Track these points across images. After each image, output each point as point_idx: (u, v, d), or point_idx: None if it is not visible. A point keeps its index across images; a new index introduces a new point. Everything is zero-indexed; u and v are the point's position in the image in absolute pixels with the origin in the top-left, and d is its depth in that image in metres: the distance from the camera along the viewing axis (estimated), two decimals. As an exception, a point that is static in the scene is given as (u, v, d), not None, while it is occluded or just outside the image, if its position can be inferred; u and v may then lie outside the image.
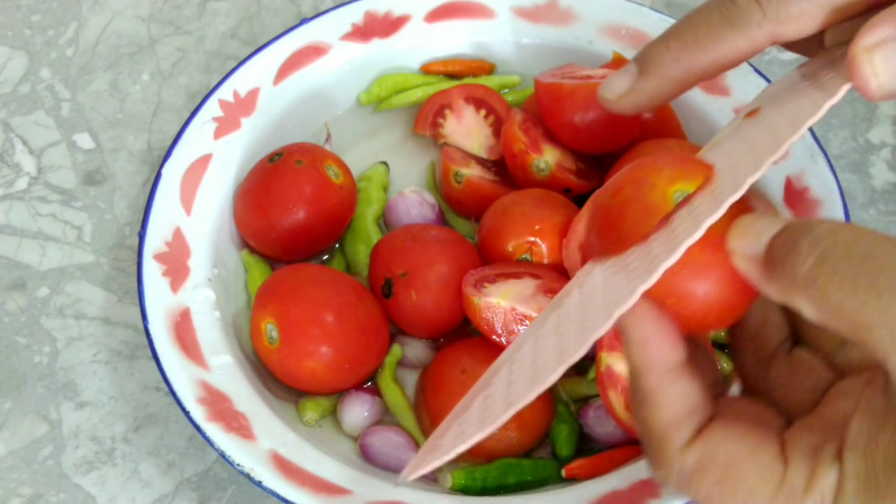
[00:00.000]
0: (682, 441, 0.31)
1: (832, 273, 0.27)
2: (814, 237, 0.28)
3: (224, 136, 0.58)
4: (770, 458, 0.30)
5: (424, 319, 0.53)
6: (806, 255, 0.28)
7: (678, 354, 0.32)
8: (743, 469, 0.30)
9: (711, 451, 0.31)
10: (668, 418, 0.32)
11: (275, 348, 0.51)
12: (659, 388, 0.32)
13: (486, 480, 0.49)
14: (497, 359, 0.36)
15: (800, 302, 0.29)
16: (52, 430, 0.55)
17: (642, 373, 0.32)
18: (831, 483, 0.29)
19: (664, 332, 0.32)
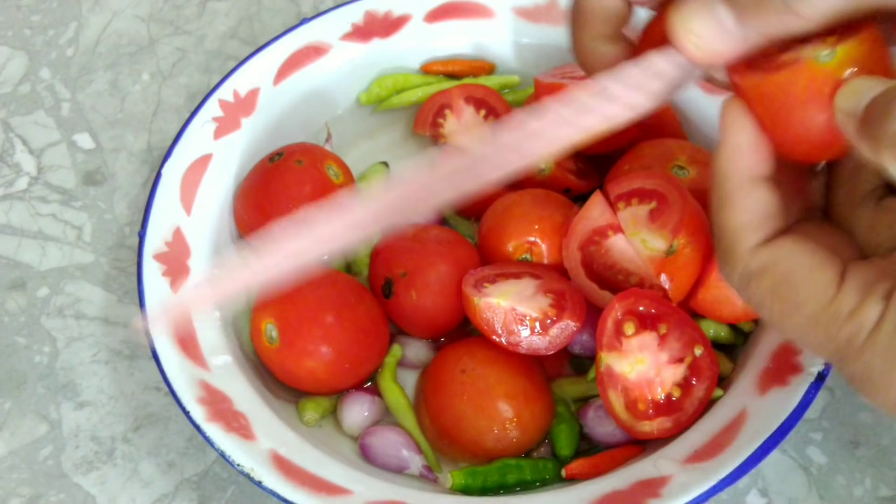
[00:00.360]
0: (752, 243, 0.34)
1: None
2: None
3: (224, 136, 0.58)
4: (827, 278, 0.32)
5: (425, 319, 0.53)
6: (894, 117, 0.29)
7: (765, 167, 0.34)
8: (799, 281, 0.32)
9: (776, 259, 0.33)
10: (743, 220, 0.34)
11: (275, 348, 0.51)
12: (739, 191, 0.34)
13: (486, 480, 0.49)
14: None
15: (885, 159, 0.30)
16: (52, 430, 0.55)
17: (727, 176, 0.34)
18: (873, 316, 0.31)
19: (758, 144, 0.34)
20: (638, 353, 0.48)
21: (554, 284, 0.51)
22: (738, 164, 0.34)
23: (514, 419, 0.50)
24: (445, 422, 0.51)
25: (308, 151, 0.57)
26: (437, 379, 0.52)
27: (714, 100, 0.58)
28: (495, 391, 0.50)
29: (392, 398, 0.53)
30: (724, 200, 0.34)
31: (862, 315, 0.31)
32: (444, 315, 0.53)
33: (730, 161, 0.34)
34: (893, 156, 0.30)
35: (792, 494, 0.52)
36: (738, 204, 0.34)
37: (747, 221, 0.34)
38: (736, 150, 0.34)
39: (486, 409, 0.50)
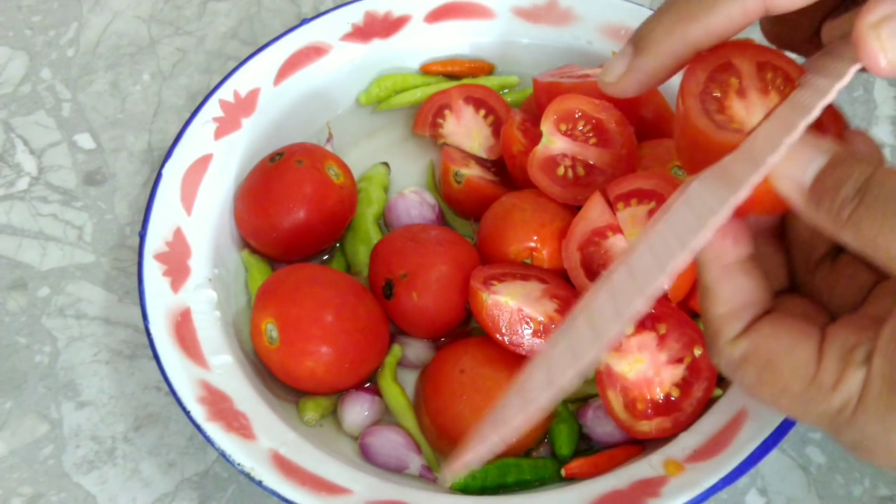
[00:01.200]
0: (732, 334, 0.34)
1: (867, 214, 0.30)
2: (855, 180, 0.31)
3: (224, 136, 0.58)
4: (806, 355, 0.32)
5: (425, 320, 0.53)
6: (849, 200, 0.30)
7: (741, 251, 0.34)
8: (780, 365, 0.33)
9: (756, 346, 0.33)
10: (723, 312, 0.34)
11: (275, 348, 0.51)
12: (718, 282, 0.34)
13: (485, 479, 0.49)
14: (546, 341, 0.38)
15: (841, 235, 0.31)
16: (53, 430, 0.55)
17: (706, 265, 0.35)
18: (857, 383, 0.31)
19: (729, 229, 0.34)
20: (637, 353, 0.48)
21: (560, 290, 0.51)
22: (713, 250, 0.34)
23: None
24: (445, 422, 0.51)
25: (309, 152, 0.57)
26: (436, 379, 0.52)
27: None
28: (494, 391, 0.50)
29: (392, 398, 0.53)
30: (706, 291, 0.35)
31: (846, 385, 0.31)
32: (444, 315, 0.53)
33: (706, 250, 0.34)
34: (848, 233, 0.31)
35: (791, 494, 0.52)
36: (718, 294, 0.34)
37: (727, 312, 0.34)
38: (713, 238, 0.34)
39: (486, 408, 0.50)
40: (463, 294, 0.53)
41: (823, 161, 0.32)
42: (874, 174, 0.31)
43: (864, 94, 0.66)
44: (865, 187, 0.30)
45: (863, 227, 0.30)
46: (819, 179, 0.31)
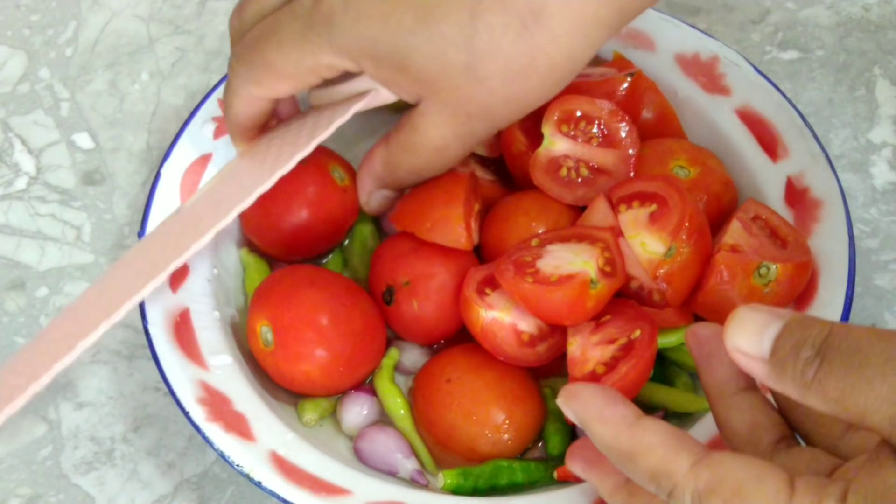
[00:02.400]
0: (687, 463, 0.33)
1: (830, 373, 0.30)
2: (813, 342, 0.30)
3: (224, 135, 0.58)
4: (777, 484, 0.31)
5: (425, 328, 0.53)
6: (810, 362, 0.30)
7: (633, 410, 0.35)
8: (751, 492, 0.31)
9: (721, 475, 0.32)
10: (663, 452, 0.34)
11: (270, 350, 0.51)
12: (635, 439, 0.34)
13: (477, 481, 0.49)
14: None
15: (808, 400, 0.31)
16: (51, 431, 0.55)
17: (614, 442, 0.35)
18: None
19: (613, 398, 0.36)
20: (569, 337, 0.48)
21: None
22: (611, 423, 0.35)
23: (505, 420, 0.50)
24: (439, 432, 0.51)
25: (314, 152, 0.57)
26: (425, 391, 0.52)
27: (714, 99, 0.58)
28: (483, 395, 0.50)
29: (389, 400, 0.53)
30: (632, 455, 0.34)
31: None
32: (444, 324, 0.53)
33: (603, 429, 0.35)
34: (815, 396, 0.30)
35: (793, 495, 0.52)
36: (645, 446, 0.34)
37: (665, 451, 0.34)
38: (600, 420, 0.36)
39: (477, 414, 0.50)
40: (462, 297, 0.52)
41: (778, 327, 0.31)
42: (832, 330, 0.30)
43: (866, 94, 0.66)
44: (825, 346, 0.30)
45: (828, 387, 0.30)
46: (777, 347, 0.31)
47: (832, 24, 0.69)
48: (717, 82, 0.59)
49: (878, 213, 0.61)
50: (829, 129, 0.64)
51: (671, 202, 0.49)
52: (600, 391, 0.36)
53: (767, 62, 0.67)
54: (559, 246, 0.49)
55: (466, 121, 0.48)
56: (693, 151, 0.56)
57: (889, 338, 0.29)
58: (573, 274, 0.47)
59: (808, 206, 0.53)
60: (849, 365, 0.29)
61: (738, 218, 0.51)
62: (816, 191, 0.54)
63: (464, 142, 0.49)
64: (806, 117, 0.56)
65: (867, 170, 0.63)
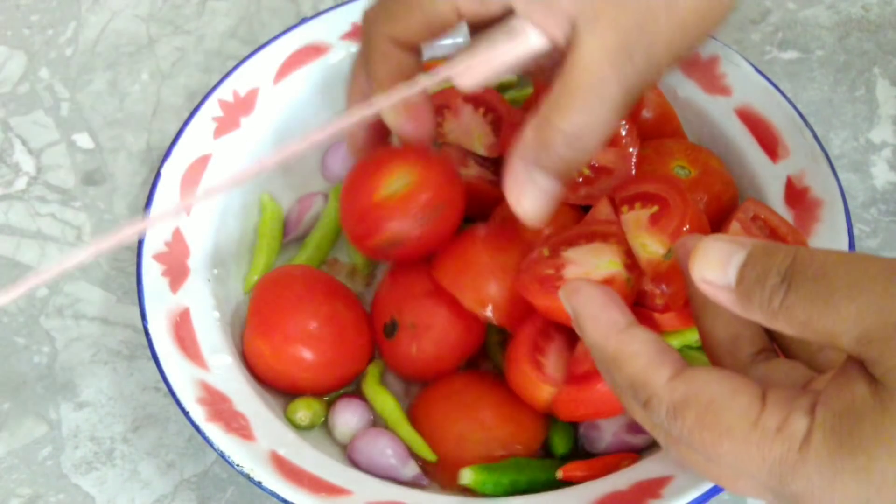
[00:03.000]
0: (665, 377, 0.33)
1: (797, 299, 0.30)
2: (778, 268, 0.31)
3: (224, 135, 0.58)
4: (749, 399, 0.32)
5: (415, 370, 0.53)
6: (777, 289, 0.31)
7: (628, 317, 0.35)
8: (723, 406, 0.32)
9: (695, 388, 0.33)
10: (643, 364, 0.34)
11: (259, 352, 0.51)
12: (621, 345, 0.35)
13: (500, 476, 0.48)
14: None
15: (777, 325, 0.31)
16: (52, 431, 0.55)
17: (602, 343, 0.35)
18: (802, 429, 0.31)
19: (611, 301, 0.36)
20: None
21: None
22: (603, 326, 0.35)
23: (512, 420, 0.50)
24: (449, 447, 0.50)
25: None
26: (426, 411, 0.51)
27: (714, 99, 0.58)
28: (486, 401, 0.50)
29: (379, 402, 0.52)
30: (615, 360, 0.35)
31: (790, 430, 0.31)
32: (433, 371, 0.52)
33: (594, 328, 0.35)
34: (784, 321, 0.31)
35: (793, 495, 0.52)
36: (629, 354, 0.34)
37: (647, 362, 0.34)
38: (593, 317, 0.36)
39: (482, 419, 0.50)
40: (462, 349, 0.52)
41: (742, 256, 0.32)
42: (796, 257, 0.31)
43: (866, 94, 0.66)
44: (790, 271, 0.30)
45: (796, 312, 0.30)
46: (742, 276, 0.31)
47: (832, 24, 0.69)
48: (718, 82, 0.59)
49: (878, 212, 0.61)
50: (829, 129, 0.64)
51: (672, 204, 0.49)
52: (601, 292, 0.36)
53: (767, 62, 0.67)
54: (576, 251, 0.49)
55: (624, 45, 0.39)
56: (693, 151, 0.56)
57: (853, 260, 0.30)
58: (609, 277, 0.47)
59: (808, 206, 0.53)
60: (815, 290, 0.30)
61: (737, 219, 0.51)
62: (816, 191, 0.54)
63: (622, 79, 0.40)
64: (806, 117, 0.56)
65: (867, 170, 0.63)
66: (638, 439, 0.50)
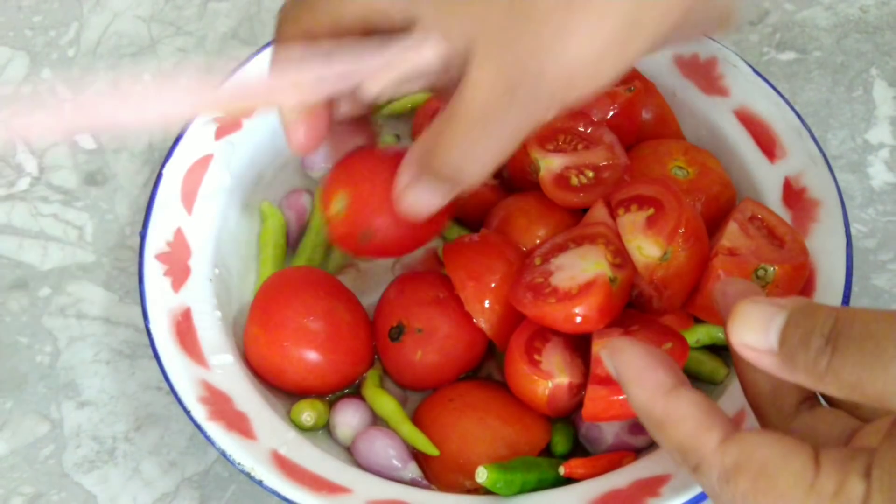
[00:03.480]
0: (716, 441, 0.33)
1: (844, 361, 0.30)
2: (821, 330, 0.30)
3: (225, 136, 0.58)
4: (803, 462, 0.31)
5: (417, 377, 0.53)
6: (822, 351, 0.30)
7: (674, 377, 0.35)
8: (777, 470, 0.31)
9: (748, 452, 0.32)
10: (692, 427, 0.33)
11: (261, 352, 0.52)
12: (669, 408, 0.34)
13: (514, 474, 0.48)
14: None
15: (824, 388, 0.31)
16: (54, 430, 0.55)
17: (648, 406, 0.34)
18: (859, 494, 0.30)
19: (656, 361, 0.35)
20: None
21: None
22: (648, 388, 0.34)
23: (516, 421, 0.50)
24: (452, 447, 0.50)
25: None
26: (430, 414, 0.52)
27: (712, 100, 0.59)
28: (490, 403, 0.50)
29: (379, 403, 0.52)
30: (662, 424, 0.34)
31: (847, 495, 0.30)
32: (435, 380, 0.52)
33: (639, 391, 0.35)
34: (831, 385, 0.30)
35: (790, 493, 0.52)
36: (676, 418, 0.34)
37: (695, 426, 0.33)
38: (638, 380, 0.35)
39: (486, 419, 0.50)
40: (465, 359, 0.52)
41: (783, 318, 0.31)
42: (839, 317, 0.30)
43: (864, 95, 0.66)
44: (834, 333, 0.30)
45: (843, 375, 0.30)
46: (784, 338, 0.31)
47: (830, 26, 0.69)
48: (716, 83, 0.59)
49: (876, 213, 0.61)
50: (827, 129, 0.65)
51: (668, 206, 0.49)
52: (644, 353, 0.35)
53: (765, 63, 0.67)
54: (564, 256, 0.49)
55: (508, 83, 0.38)
56: (691, 152, 0.56)
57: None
58: (591, 280, 0.47)
59: (805, 207, 0.54)
60: (862, 351, 0.29)
61: (734, 219, 0.51)
62: (814, 191, 0.54)
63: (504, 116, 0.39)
64: (804, 118, 0.56)
65: (864, 170, 0.63)
66: (638, 441, 0.50)
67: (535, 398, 0.49)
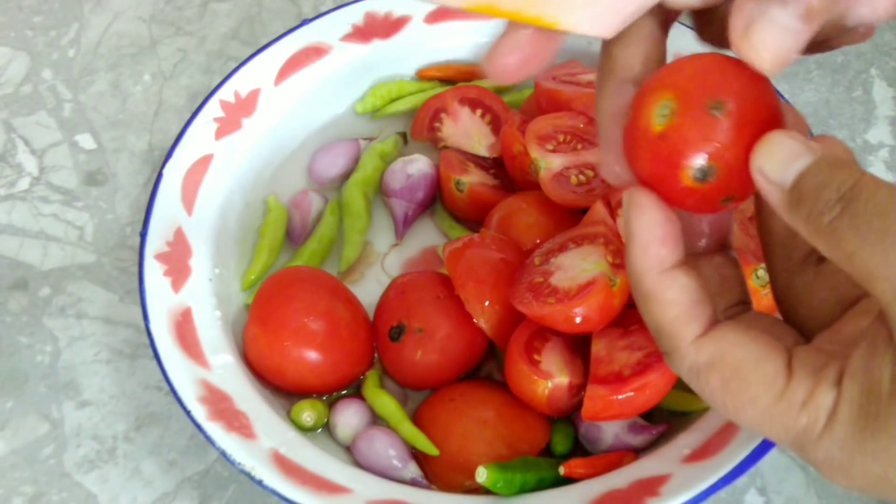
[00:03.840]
0: (693, 335, 0.33)
1: (849, 225, 0.29)
2: (838, 186, 0.29)
3: (225, 136, 0.59)
4: (775, 367, 0.31)
5: (416, 376, 0.53)
6: (830, 206, 0.29)
7: (676, 255, 0.33)
8: (748, 374, 0.31)
9: (722, 352, 0.32)
10: (675, 314, 0.33)
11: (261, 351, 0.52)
12: (659, 286, 0.33)
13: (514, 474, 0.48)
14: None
15: (817, 243, 0.30)
16: (54, 429, 0.55)
17: (641, 274, 0.33)
18: (828, 404, 0.30)
19: (665, 235, 0.33)
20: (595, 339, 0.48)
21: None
22: (648, 260, 0.33)
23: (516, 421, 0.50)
24: (453, 447, 0.50)
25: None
26: (430, 413, 0.52)
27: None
28: (490, 403, 0.50)
29: (379, 403, 0.52)
30: (648, 299, 0.33)
31: (816, 404, 0.30)
32: (435, 379, 0.53)
33: (639, 259, 0.33)
34: (826, 241, 0.29)
35: (790, 493, 0.52)
36: (663, 300, 0.33)
37: (679, 314, 0.33)
38: (643, 247, 0.33)
39: (486, 419, 0.50)
40: (465, 360, 0.52)
41: (808, 161, 0.30)
42: (859, 181, 0.29)
43: (863, 95, 0.66)
44: (850, 195, 0.29)
45: (841, 239, 0.29)
46: (801, 180, 0.30)
47: (830, 26, 0.69)
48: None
49: (876, 213, 0.61)
50: (827, 129, 0.65)
51: None
52: (662, 222, 0.33)
53: (766, 63, 0.67)
54: (564, 256, 0.49)
55: None
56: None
57: None
58: (591, 280, 0.47)
59: (805, 207, 0.54)
60: (869, 225, 0.28)
61: (734, 219, 0.51)
62: (814, 191, 0.54)
63: None
64: (803, 118, 0.56)
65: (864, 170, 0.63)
66: (638, 440, 0.50)
67: (534, 398, 0.49)
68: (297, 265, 0.57)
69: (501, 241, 0.53)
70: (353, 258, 0.58)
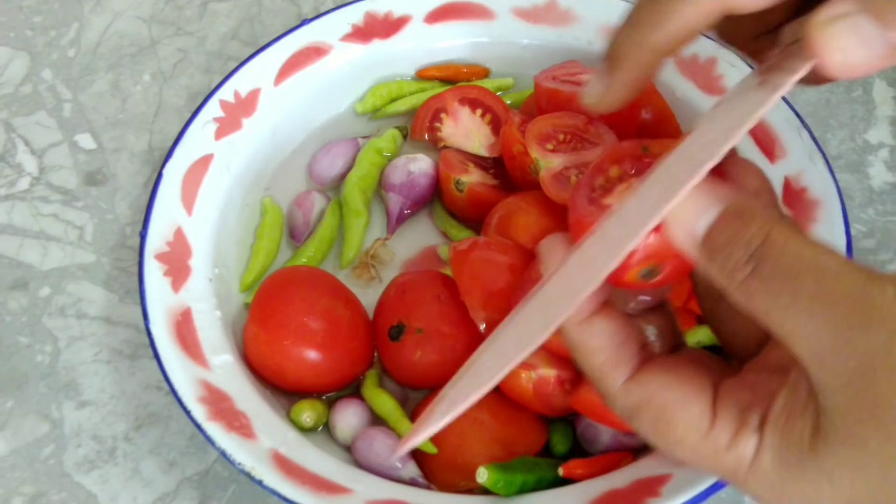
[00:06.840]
0: (620, 381, 0.33)
1: (760, 288, 0.29)
2: (747, 243, 0.29)
3: (225, 136, 0.59)
4: (700, 409, 0.32)
5: (416, 376, 0.53)
6: (741, 265, 0.29)
7: (595, 303, 0.33)
8: (674, 416, 0.32)
9: (649, 396, 0.33)
10: (601, 360, 0.34)
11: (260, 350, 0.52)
12: (581, 335, 0.34)
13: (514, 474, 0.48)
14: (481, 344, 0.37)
15: (733, 297, 0.30)
16: (54, 430, 0.55)
17: (565, 327, 0.34)
18: (750, 450, 0.31)
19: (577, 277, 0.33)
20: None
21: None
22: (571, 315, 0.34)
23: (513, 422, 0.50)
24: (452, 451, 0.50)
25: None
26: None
27: (712, 100, 0.59)
28: (489, 406, 0.50)
29: (379, 405, 0.52)
30: (575, 349, 0.34)
31: (739, 449, 0.31)
32: (435, 378, 0.52)
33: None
34: (740, 298, 0.30)
35: (790, 493, 0.52)
36: (588, 348, 0.34)
37: (605, 360, 0.34)
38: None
39: (482, 420, 0.50)
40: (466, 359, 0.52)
41: (717, 212, 0.30)
42: (768, 237, 0.29)
43: (863, 95, 0.66)
44: (759, 254, 0.29)
45: (754, 297, 0.29)
46: (711, 234, 0.30)
47: (830, 26, 0.69)
48: (716, 83, 0.59)
49: (875, 213, 0.61)
50: (827, 129, 0.65)
51: None
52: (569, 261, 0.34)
53: (766, 63, 0.67)
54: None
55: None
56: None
57: (825, 269, 0.28)
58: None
59: (805, 207, 0.54)
60: (780, 287, 0.28)
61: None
62: (814, 191, 0.54)
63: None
64: (803, 118, 0.56)
65: (864, 170, 0.63)
66: (634, 440, 0.50)
67: (520, 391, 0.49)
68: (297, 264, 0.57)
69: (506, 244, 0.53)
70: (352, 257, 0.58)
